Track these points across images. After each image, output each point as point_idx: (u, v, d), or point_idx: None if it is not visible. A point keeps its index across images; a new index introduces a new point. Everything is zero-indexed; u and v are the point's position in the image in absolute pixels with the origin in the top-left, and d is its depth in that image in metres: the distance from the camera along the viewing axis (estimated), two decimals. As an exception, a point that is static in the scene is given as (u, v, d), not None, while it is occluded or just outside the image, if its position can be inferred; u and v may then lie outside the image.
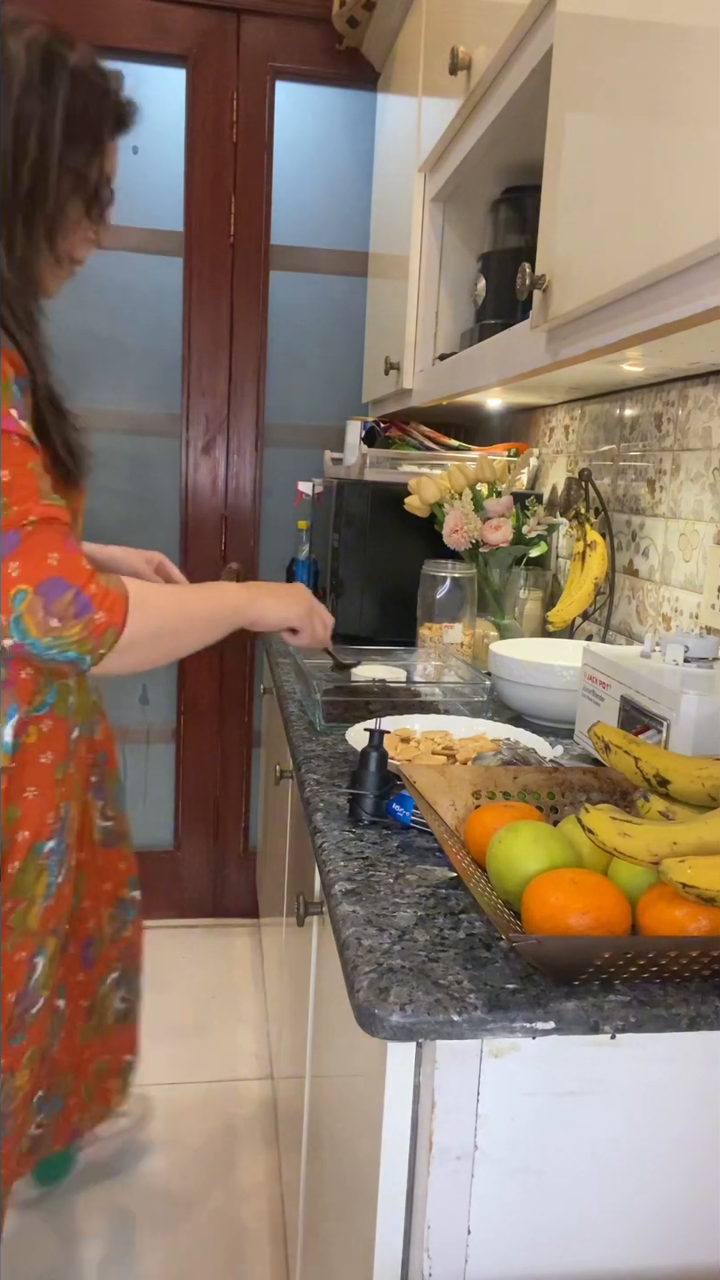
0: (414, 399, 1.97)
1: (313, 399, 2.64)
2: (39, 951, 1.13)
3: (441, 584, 1.64)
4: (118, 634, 0.92)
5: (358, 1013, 0.67)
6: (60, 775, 1.09)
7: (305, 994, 1.28)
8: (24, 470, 0.90)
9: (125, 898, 1.38)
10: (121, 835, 1.35)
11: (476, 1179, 0.69)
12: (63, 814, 1.09)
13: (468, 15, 1.50)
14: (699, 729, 0.98)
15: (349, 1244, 0.87)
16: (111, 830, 1.33)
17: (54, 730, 1.07)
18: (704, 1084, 0.70)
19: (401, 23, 2.07)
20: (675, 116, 0.81)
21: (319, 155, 2.53)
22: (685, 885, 0.68)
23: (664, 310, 0.87)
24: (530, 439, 2.13)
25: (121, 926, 1.39)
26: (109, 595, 0.92)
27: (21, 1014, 1.12)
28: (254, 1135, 1.88)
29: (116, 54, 2.39)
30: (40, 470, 0.93)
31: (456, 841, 0.86)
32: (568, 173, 1.06)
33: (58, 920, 1.14)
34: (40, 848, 1.09)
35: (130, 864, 1.38)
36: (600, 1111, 0.69)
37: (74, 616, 0.89)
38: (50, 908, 1.12)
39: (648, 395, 1.55)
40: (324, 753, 1.22)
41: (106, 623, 0.91)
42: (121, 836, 1.35)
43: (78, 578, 0.90)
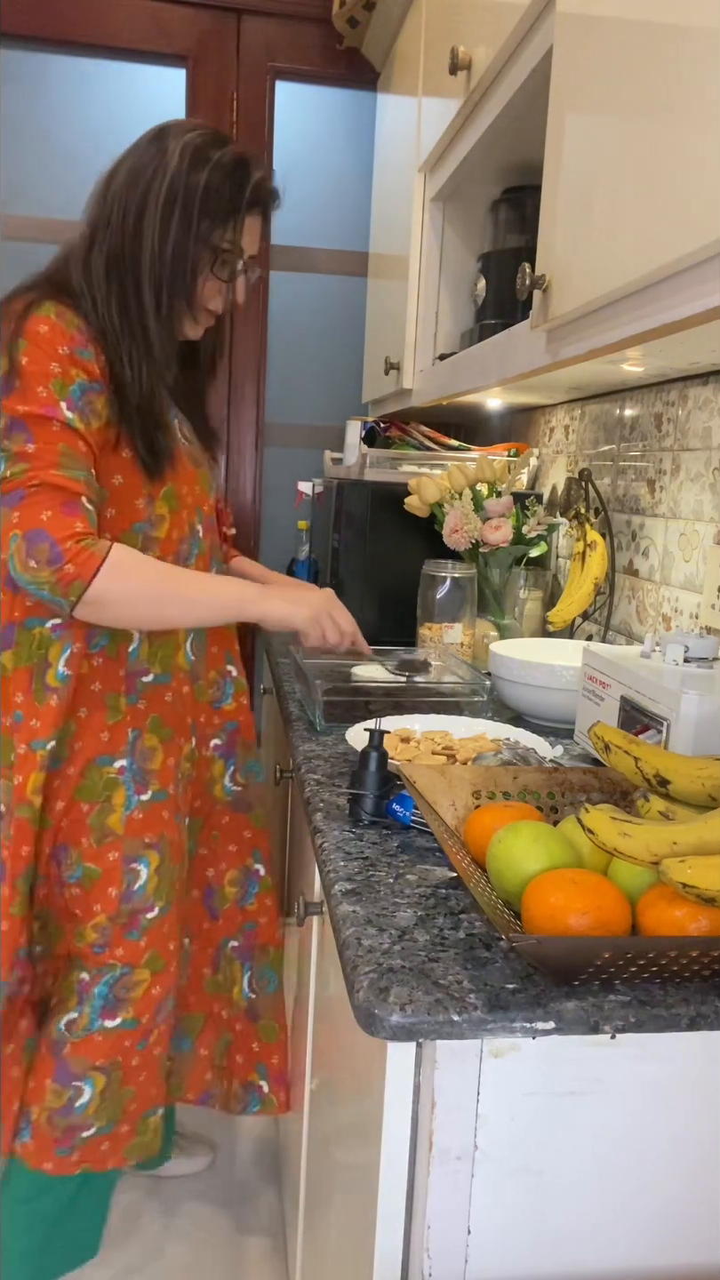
0: (414, 399, 1.97)
1: (313, 399, 2.64)
2: (136, 859, 1.25)
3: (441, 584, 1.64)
4: (84, 586, 1.09)
5: (358, 1013, 0.67)
6: (112, 703, 1.25)
7: (305, 994, 1.28)
8: (51, 447, 1.10)
9: (249, 866, 1.44)
10: (249, 805, 1.43)
11: (476, 1179, 0.69)
12: (130, 738, 1.25)
13: (468, 15, 1.50)
14: (699, 729, 0.98)
15: (349, 1244, 0.87)
16: (240, 796, 1.42)
17: (105, 666, 1.24)
18: (704, 1084, 0.70)
19: (401, 23, 2.07)
20: (675, 116, 0.81)
21: (319, 155, 2.53)
22: (685, 885, 0.68)
23: (664, 310, 0.87)
24: (530, 439, 2.13)
25: (245, 894, 1.44)
26: (83, 553, 1.09)
27: (131, 913, 1.25)
28: (254, 1135, 1.88)
29: (116, 54, 2.39)
30: (71, 450, 1.12)
31: (456, 841, 0.86)
32: (568, 173, 1.06)
33: (153, 835, 1.27)
34: (104, 761, 1.24)
35: (256, 836, 1.45)
36: (600, 1111, 0.69)
37: (47, 563, 1.08)
38: (137, 820, 1.25)
39: (648, 395, 1.55)
40: (324, 753, 1.22)
41: (74, 575, 1.09)
42: (249, 806, 1.43)
43: (58, 532, 1.08)
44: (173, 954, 1.30)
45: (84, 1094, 1.26)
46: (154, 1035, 1.30)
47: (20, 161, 2.41)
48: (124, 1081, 1.29)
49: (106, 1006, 1.26)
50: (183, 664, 1.32)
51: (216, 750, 1.41)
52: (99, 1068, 1.26)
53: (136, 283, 1.18)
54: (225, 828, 1.43)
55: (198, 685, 1.36)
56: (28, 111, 2.40)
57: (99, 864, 1.24)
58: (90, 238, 1.21)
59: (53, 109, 2.41)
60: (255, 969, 1.45)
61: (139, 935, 1.26)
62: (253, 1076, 1.45)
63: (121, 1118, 1.30)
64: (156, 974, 1.28)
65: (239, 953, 1.45)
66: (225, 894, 1.43)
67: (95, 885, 1.24)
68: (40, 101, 2.40)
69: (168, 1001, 1.31)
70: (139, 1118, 1.31)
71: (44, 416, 1.11)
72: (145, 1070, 1.30)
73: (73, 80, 2.41)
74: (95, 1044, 1.26)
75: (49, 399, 1.11)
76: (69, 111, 2.42)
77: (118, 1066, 1.28)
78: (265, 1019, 1.45)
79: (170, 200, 1.17)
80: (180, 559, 1.28)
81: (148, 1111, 1.32)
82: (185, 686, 1.33)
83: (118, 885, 1.25)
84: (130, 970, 1.26)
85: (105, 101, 2.42)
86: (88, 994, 1.26)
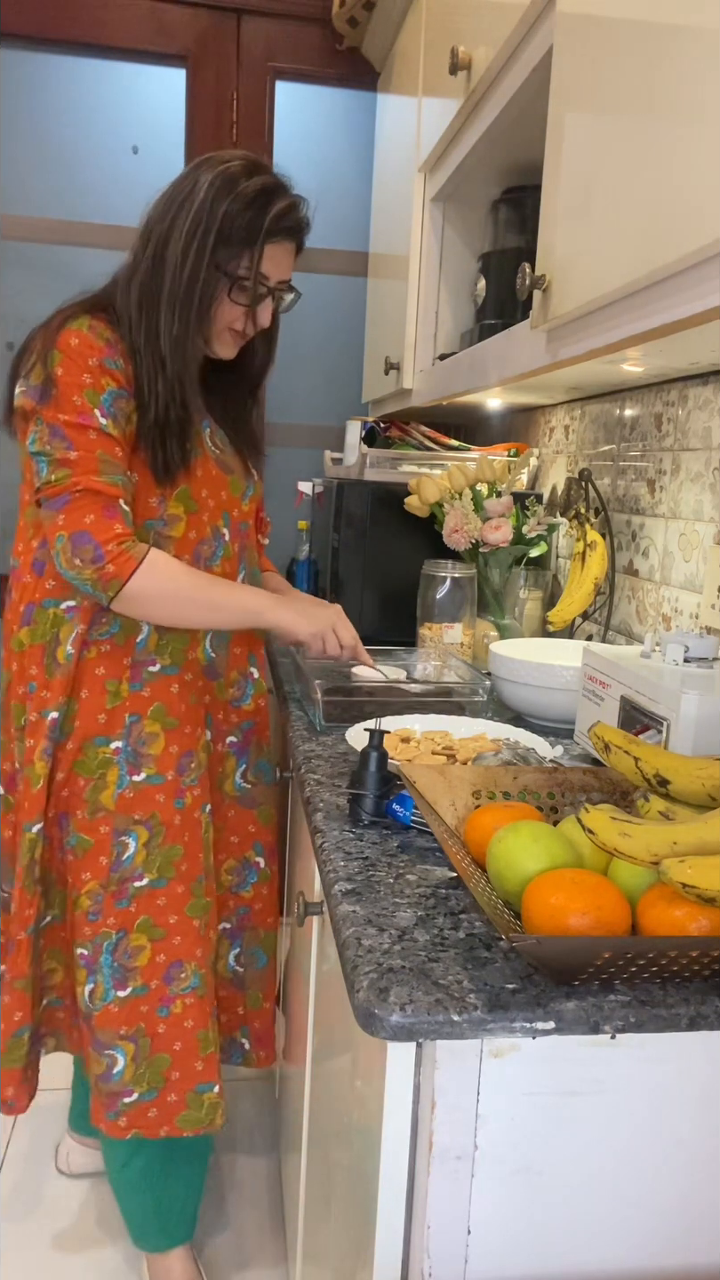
0: (414, 399, 1.97)
1: (313, 399, 2.63)
2: (126, 832, 1.33)
3: (441, 584, 1.64)
4: (121, 584, 1.21)
5: (358, 1013, 0.67)
6: (113, 689, 1.32)
7: (305, 994, 1.28)
8: (90, 454, 1.21)
9: (249, 858, 1.50)
10: (256, 801, 1.49)
11: (476, 1179, 0.69)
12: (127, 722, 1.33)
13: (468, 15, 1.50)
14: (699, 729, 0.98)
15: (349, 1244, 0.87)
16: (249, 793, 1.49)
17: (111, 653, 1.32)
18: (704, 1084, 0.70)
19: (401, 23, 2.07)
20: (675, 117, 0.81)
21: (319, 155, 2.53)
22: (685, 885, 0.68)
23: (664, 310, 0.87)
24: (530, 439, 2.13)
25: (241, 882, 1.49)
26: (123, 555, 1.21)
27: (121, 881, 1.33)
28: (254, 1135, 1.88)
29: (116, 54, 2.39)
30: (108, 457, 1.22)
31: (456, 841, 0.86)
32: (568, 173, 1.06)
33: (143, 813, 1.33)
34: (100, 741, 1.32)
35: (260, 831, 1.50)
36: (600, 1111, 0.69)
37: (90, 563, 1.20)
38: (128, 798, 1.33)
39: (648, 395, 1.55)
40: (324, 753, 1.22)
41: (114, 574, 1.21)
42: (256, 802, 1.49)
43: (101, 535, 1.20)
44: (177, 928, 1.35)
45: (118, 1062, 1.34)
46: (177, 1006, 1.35)
47: (20, 161, 2.41)
48: (154, 1049, 1.34)
49: (116, 977, 1.33)
50: (199, 659, 1.38)
51: (231, 747, 1.47)
52: (125, 1036, 1.33)
53: (158, 308, 1.26)
54: (230, 820, 1.48)
55: (218, 683, 1.42)
56: (28, 111, 2.40)
57: (91, 835, 1.33)
58: (132, 265, 1.29)
59: (53, 109, 2.41)
60: (245, 947, 1.51)
61: (128, 902, 1.33)
62: (236, 1034, 1.54)
63: (165, 1086, 1.35)
64: (156, 941, 1.34)
65: (228, 933, 1.50)
66: (221, 881, 1.49)
67: (88, 854, 1.33)
68: (40, 101, 2.40)
69: (182, 972, 1.35)
70: (189, 1090, 1.36)
71: (81, 425, 1.21)
72: (179, 1040, 1.35)
73: (73, 80, 2.40)
74: (113, 1014, 1.33)
75: (84, 407, 1.21)
76: (69, 111, 2.42)
77: (142, 1034, 1.34)
78: (252, 990, 1.52)
79: (193, 230, 1.24)
80: (200, 560, 1.34)
81: (201, 1085, 1.36)
82: (200, 680, 1.39)
83: (108, 855, 1.33)
84: (125, 935, 1.33)
85: (105, 101, 2.42)
86: (96, 965, 1.33)
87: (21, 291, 2.48)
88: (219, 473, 1.38)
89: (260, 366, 1.47)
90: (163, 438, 1.28)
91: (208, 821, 1.40)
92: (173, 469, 1.30)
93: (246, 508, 1.44)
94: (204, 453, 1.35)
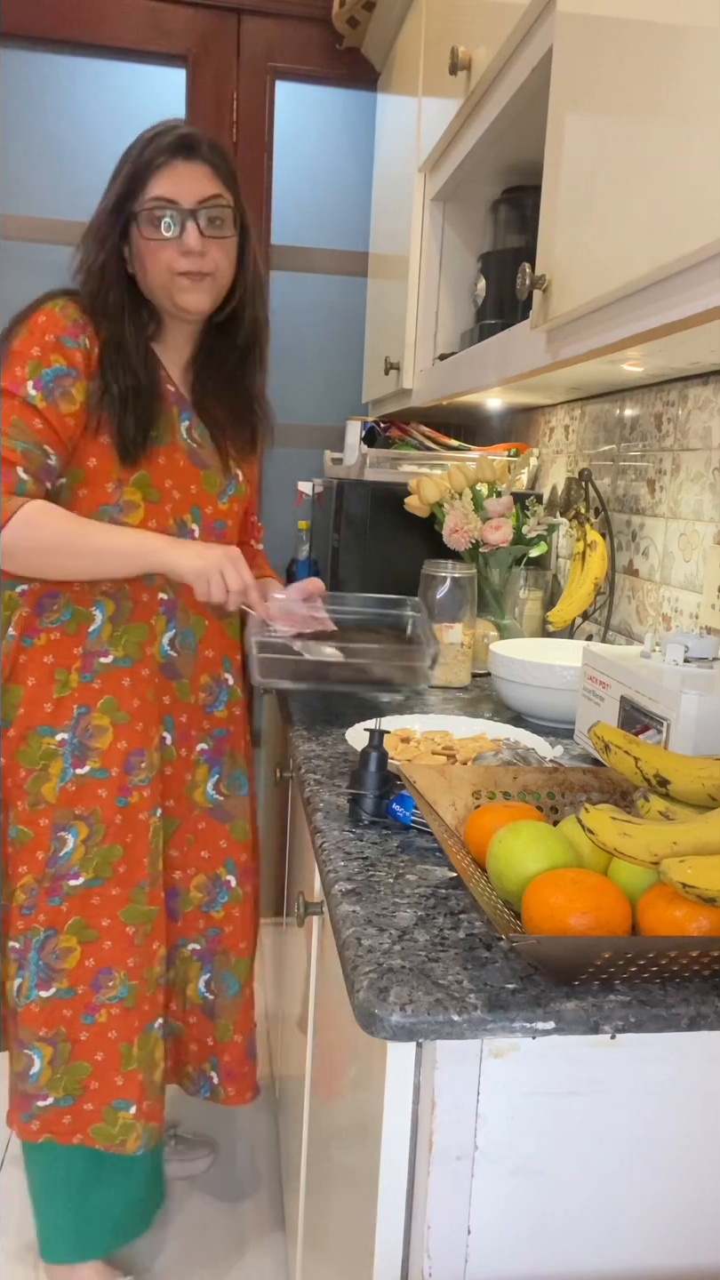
0: (414, 399, 1.97)
1: (313, 399, 2.63)
2: (65, 828, 1.31)
3: (441, 584, 1.64)
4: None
5: (358, 1013, 0.67)
6: (61, 678, 1.31)
7: (305, 994, 1.28)
8: (5, 418, 1.21)
9: (219, 876, 1.46)
10: (230, 815, 1.46)
11: (476, 1179, 0.69)
12: (75, 714, 1.31)
13: (468, 15, 1.50)
14: (699, 729, 0.98)
15: (349, 1244, 0.87)
16: (221, 806, 1.45)
17: (61, 642, 1.31)
18: (704, 1084, 0.70)
19: (401, 23, 2.07)
20: (675, 117, 0.81)
21: (319, 155, 2.53)
22: (685, 885, 0.68)
23: (664, 310, 0.87)
24: (530, 439, 2.13)
25: (211, 901, 1.46)
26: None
27: (55, 877, 1.31)
28: (254, 1135, 1.88)
29: (116, 54, 2.39)
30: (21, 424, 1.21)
31: (456, 841, 0.86)
32: (568, 173, 1.06)
33: (84, 808, 1.31)
34: (45, 731, 1.31)
35: (233, 847, 1.46)
36: (600, 1111, 0.69)
37: None
38: (70, 791, 1.31)
39: (648, 395, 1.55)
40: (324, 753, 1.22)
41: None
42: (230, 817, 1.46)
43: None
44: (110, 932, 1.32)
45: (34, 1063, 1.32)
46: (102, 1015, 1.32)
47: (20, 161, 2.41)
48: (74, 1055, 1.32)
49: (41, 975, 1.31)
50: (156, 655, 1.36)
51: (202, 755, 1.43)
52: (44, 1038, 1.32)
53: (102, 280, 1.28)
54: (200, 834, 1.45)
55: (179, 684, 1.39)
56: (28, 111, 2.40)
57: (31, 828, 1.32)
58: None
59: (53, 109, 2.41)
60: (215, 972, 1.47)
61: (60, 900, 1.31)
62: (205, 1066, 1.50)
63: (83, 1095, 1.33)
64: (87, 944, 1.32)
65: (198, 955, 1.47)
66: (189, 897, 1.45)
67: (25, 847, 1.32)
68: (40, 101, 2.40)
69: (110, 980, 1.32)
70: (105, 1104, 1.33)
71: (9, 392, 1.22)
72: (101, 1050, 1.33)
73: (73, 80, 2.40)
74: (34, 1014, 1.31)
75: (20, 377, 1.23)
76: (69, 111, 2.42)
77: (63, 1038, 1.32)
78: (222, 1020, 1.48)
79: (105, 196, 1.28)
80: None
81: (118, 1102, 1.33)
82: (157, 679, 1.37)
83: (45, 849, 1.31)
84: (54, 934, 1.31)
85: (105, 101, 2.42)
86: (25, 961, 1.32)
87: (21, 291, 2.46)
88: (189, 465, 1.35)
89: (250, 328, 1.42)
90: (123, 415, 1.27)
91: (158, 826, 1.37)
92: (133, 450, 1.28)
93: (225, 506, 1.41)
94: (174, 441, 1.34)
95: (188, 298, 1.29)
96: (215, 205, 1.27)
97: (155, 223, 1.25)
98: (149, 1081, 1.37)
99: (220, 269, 1.30)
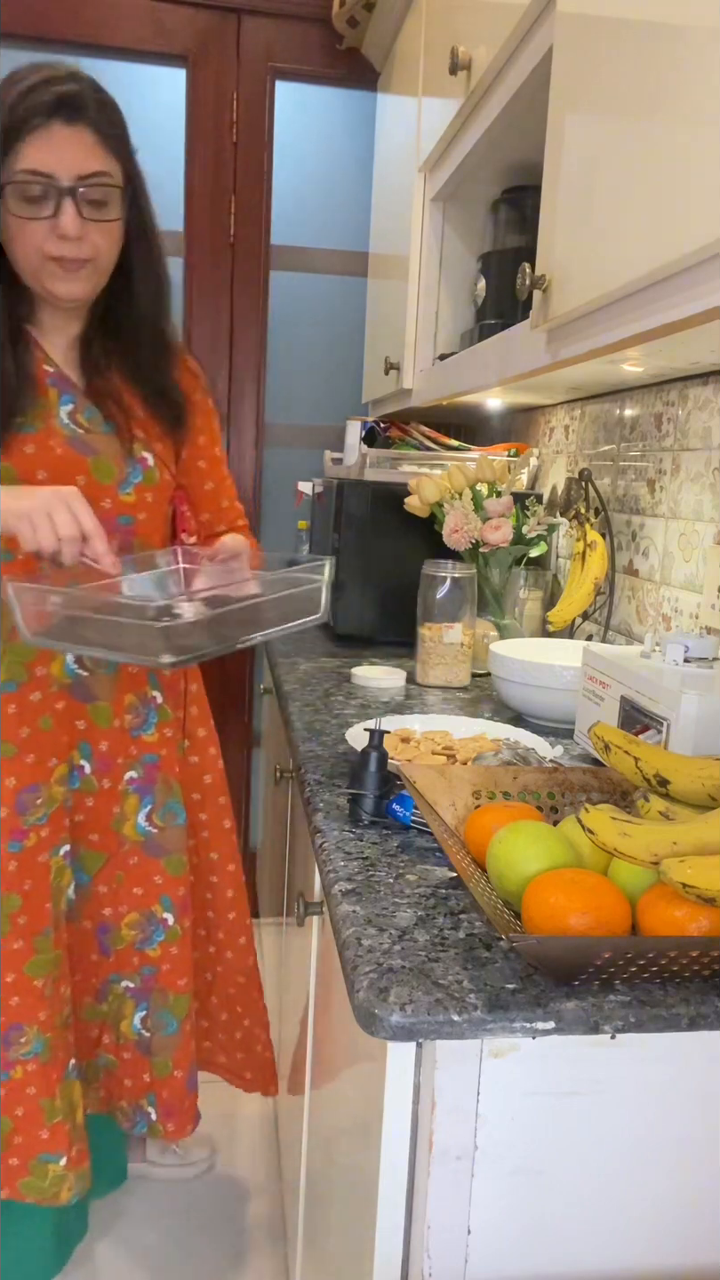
0: (414, 399, 1.97)
1: (313, 399, 2.63)
2: None
3: (441, 584, 1.64)
4: None
5: (358, 1013, 0.67)
6: None
7: (305, 994, 1.28)
8: None
9: (154, 913, 1.36)
10: (165, 850, 1.34)
11: (476, 1179, 0.69)
12: None
13: (468, 15, 1.50)
14: (699, 729, 0.98)
15: (349, 1244, 0.87)
16: (154, 840, 1.34)
17: None
18: (704, 1084, 0.70)
19: (401, 23, 2.07)
20: (675, 116, 0.81)
21: (319, 155, 2.53)
22: (685, 885, 0.68)
23: (664, 310, 0.87)
24: (530, 439, 2.13)
25: (146, 939, 1.36)
26: None
27: None
28: (254, 1135, 1.88)
29: (116, 54, 2.39)
30: None
31: (456, 841, 0.86)
32: (568, 173, 1.06)
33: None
34: None
35: (169, 883, 1.35)
36: (600, 1111, 0.69)
37: None
38: None
39: (648, 395, 1.55)
40: (324, 753, 1.22)
41: None
42: (165, 851, 1.34)
43: None
44: (15, 988, 1.23)
45: None
46: (18, 1071, 1.25)
47: (20, 161, 2.41)
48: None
49: None
50: (56, 676, 1.23)
51: (131, 784, 1.32)
52: None
53: None
54: (132, 870, 1.34)
55: (97, 706, 1.27)
56: (28, 111, 2.40)
57: None
58: None
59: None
60: (152, 1010, 1.38)
61: None
62: (141, 1101, 1.41)
63: (7, 1149, 1.26)
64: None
65: (133, 992, 1.38)
66: (121, 935, 1.36)
67: None
68: (40, 101, 2.40)
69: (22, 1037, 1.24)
70: (32, 1158, 1.27)
71: None
72: (21, 1105, 1.26)
73: (73, 80, 2.40)
74: None
75: None
76: (69, 111, 2.42)
77: None
78: (160, 1057, 1.39)
79: None
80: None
81: (45, 1155, 1.27)
82: (64, 702, 1.25)
83: None
84: None
85: (105, 101, 2.42)
86: None
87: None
88: (71, 453, 1.19)
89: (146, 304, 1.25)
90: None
91: (61, 865, 1.27)
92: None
93: (129, 498, 1.24)
94: (49, 428, 1.19)
95: (60, 286, 1.15)
96: (98, 183, 1.11)
97: (26, 198, 1.08)
98: (73, 1127, 1.30)
99: (102, 253, 1.15)
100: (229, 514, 1.46)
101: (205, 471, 1.41)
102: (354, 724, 1.31)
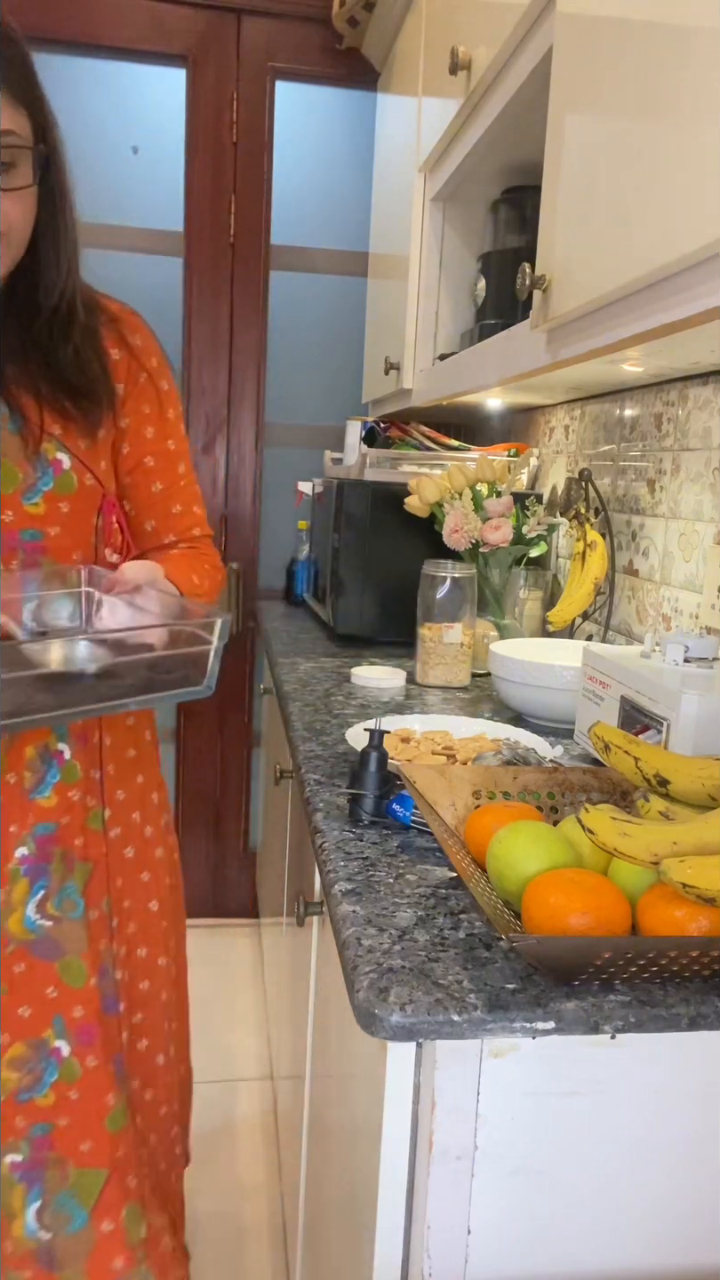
0: (414, 399, 1.97)
1: (313, 399, 2.63)
2: None
3: (441, 584, 1.64)
4: None
5: (358, 1013, 0.67)
6: None
7: (305, 994, 1.28)
8: None
9: (46, 1043, 1.01)
10: (60, 949, 1.02)
11: (476, 1179, 0.69)
12: None
13: (468, 15, 1.50)
14: (699, 729, 0.98)
15: (349, 1244, 0.87)
16: (48, 936, 1.02)
17: None
18: (704, 1084, 0.70)
19: (401, 23, 2.07)
20: (675, 116, 0.81)
21: (319, 155, 2.53)
22: (685, 885, 0.68)
23: (664, 310, 0.87)
24: (530, 439, 2.13)
25: (35, 1084, 1.01)
26: None
27: None
28: (254, 1135, 1.88)
29: (116, 54, 2.39)
30: None
31: (456, 841, 0.86)
32: (568, 173, 1.06)
33: None
34: None
35: (66, 997, 1.01)
36: (600, 1111, 0.69)
37: None
38: None
39: (648, 395, 1.55)
40: (324, 753, 1.22)
41: None
42: (60, 951, 1.02)
43: None
44: None
45: None
46: None
47: (20, 161, 2.41)
48: None
49: None
50: None
51: (22, 864, 1.02)
52: None
53: None
54: (17, 980, 1.02)
55: None
56: (28, 111, 2.40)
57: None
58: None
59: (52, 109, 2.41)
60: (48, 1198, 1.01)
61: None
62: None
63: None
64: None
65: (21, 1171, 1.01)
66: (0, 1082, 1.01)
67: None
68: (40, 101, 2.40)
69: None
70: None
71: None
72: None
73: (72, 80, 2.40)
74: None
75: None
76: (69, 111, 2.41)
77: None
78: (69, 1270, 1.01)
79: None
80: None
81: None
82: None
83: None
84: None
85: (105, 101, 2.42)
86: None
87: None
88: None
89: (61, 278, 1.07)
90: None
91: None
92: None
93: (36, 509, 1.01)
94: None
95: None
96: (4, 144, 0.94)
97: None
98: None
99: (14, 226, 0.97)
100: (180, 521, 1.17)
101: (152, 470, 1.14)
102: (354, 724, 1.30)
